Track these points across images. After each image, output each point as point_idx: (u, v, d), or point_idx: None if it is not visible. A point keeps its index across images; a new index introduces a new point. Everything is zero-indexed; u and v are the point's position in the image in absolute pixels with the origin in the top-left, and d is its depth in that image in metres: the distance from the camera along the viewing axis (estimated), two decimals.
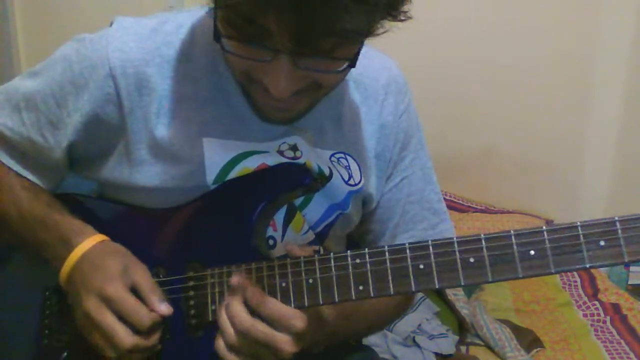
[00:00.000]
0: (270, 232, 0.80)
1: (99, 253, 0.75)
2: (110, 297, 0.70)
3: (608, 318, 1.77)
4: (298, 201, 0.82)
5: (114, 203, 0.84)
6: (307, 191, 0.80)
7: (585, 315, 1.81)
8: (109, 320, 0.69)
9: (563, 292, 1.94)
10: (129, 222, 0.83)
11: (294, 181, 0.77)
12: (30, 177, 0.84)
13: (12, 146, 0.83)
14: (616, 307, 1.82)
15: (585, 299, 1.89)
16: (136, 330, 0.70)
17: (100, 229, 0.81)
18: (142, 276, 0.73)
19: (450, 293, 1.77)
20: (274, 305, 0.67)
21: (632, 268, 2.24)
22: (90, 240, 0.76)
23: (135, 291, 0.72)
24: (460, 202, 2.37)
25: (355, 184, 0.84)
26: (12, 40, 2.34)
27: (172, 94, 0.77)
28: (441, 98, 2.32)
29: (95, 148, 0.80)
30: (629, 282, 2.21)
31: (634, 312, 1.80)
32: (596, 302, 1.86)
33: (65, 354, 0.80)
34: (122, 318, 0.70)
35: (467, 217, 2.26)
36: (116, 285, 0.70)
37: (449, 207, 2.26)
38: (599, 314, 1.80)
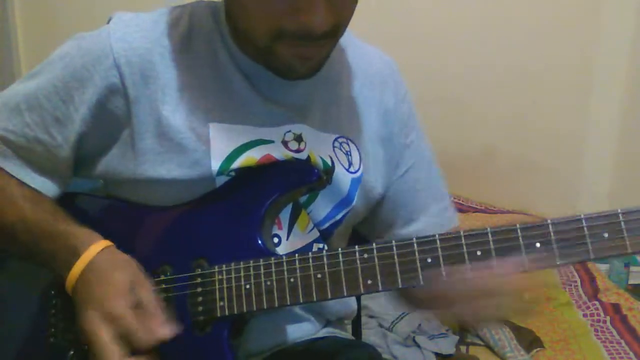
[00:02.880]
0: (275, 230, 0.81)
1: (105, 265, 0.74)
2: (113, 315, 0.69)
3: (608, 318, 1.77)
4: (303, 199, 0.82)
5: (119, 201, 0.84)
6: (313, 189, 0.80)
7: (585, 315, 1.81)
8: (104, 338, 0.69)
9: (563, 292, 1.94)
10: (135, 220, 0.83)
11: (301, 178, 0.78)
12: (35, 182, 0.82)
13: (15, 151, 0.82)
14: (616, 307, 1.82)
15: (585, 299, 1.89)
16: (133, 351, 0.69)
17: (107, 228, 0.81)
18: (147, 295, 0.73)
19: None
20: None
21: (632, 268, 2.24)
22: (95, 247, 0.75)
23: (140, 308, 0.71)
24: (460, 202, 2.37)
25: (355, 171, 0.85)
26: (12, 40, 2.34)
27: (176, 82, 0.77)
28: (441, 98, 2.32)
29: (101, 141, 0.80)
30: (629, 282, 2.21)
31: (634, 312, 1.80)
32: (596, 302, 1.86)
33: (72, 352, 0.80)
34: (123, 336, 0.69)
35: (467, 217, 2.26)
36: (121, 304, 0.70)
37: None
38: (599, 314, 1.80)
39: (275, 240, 0.81)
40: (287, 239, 0.81)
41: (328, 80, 0.85)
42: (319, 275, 0.71)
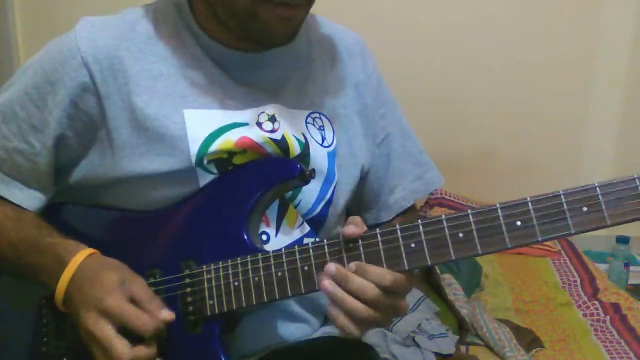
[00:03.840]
0: (263, 227, 0.81)
1: (94, 268, 0.75)
2: (110, 309, 0.70)
3: (608, 318, 1.77)
4: (288, 194, 0.83)
5: (105, 209, 0.84)
6: (298, 185, 0.81)
7: (585, 315, 1.80)
8: (107, 334, 0.70)
9: (563, 292, 1.94)
10: (122, 226, 0.84)
11: (284, 175, 0.78)
12: (17, 198, 0.82)
13: None
14: (616, 307, 1.82)
15: (585, 299, 1.89)
16: (137, 340, 0.70)
17: (94, 236, 0.82)
18: (140, 287, 0.74)
19: (450, 293, 1.77)
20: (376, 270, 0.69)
21: (632, 268, 2.24)
22: (80, 256, 0.76)
23: (134, 303, 0.72)
24: (460, 202, 2.36)
25: (330, 145, 0.86)
26: (12, 40, 2.34)
27: (146, 73, 0.78)
28: (441, 98, 2.32)
29: (79, 144, 0.81)
30: (629, 282, 2.21)
31: (634, 312, 1.79)
32: (596, 302, 1.85)
33: None
34: (123, 330, 0.70)
35: None
36: (116, 297, 0.71)
37: (449, 207, 2.27)
38: (599, 314, 1.80)
39: (264, 237, 0.81)
40: (276, 236, 0.82)
41: (300, 58, 0.87)
42: (306, 268, 0.72)
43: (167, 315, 0.72)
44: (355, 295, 0.68)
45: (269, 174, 0.78)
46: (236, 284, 0.74)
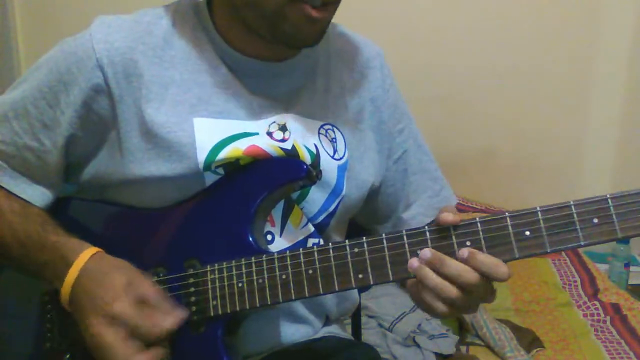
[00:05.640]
0: (267, 227, 0.81)
1: (99, 269, 0.74)
2: (119, 315, 0.70)
3: (608, 318, 1.77)
4: (295, 195, 0.82)
5: (111, 205, 0.84)
6: (304, 185, 0.81)
7: (585, 315, 1.80)
8: (115, 340, 0.69)
9: (563, 292, 1.94)
10: (127, 223, 0.83)
11: (290, 175, 0.78)
12: (25, 193, 0.82)
13: (6, 160, 0.83)
14: (616, 307, 1.82)
15: (585, 299, 1.89)
16: (147, 344, 0.70)
17: (99, 232, 0.82)
18: (148, 287, 0.73)
19: None
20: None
21: (632, 268, 2.24)
22: (85, 254, 0.75)
23: (142, 303, 0.72)
24: (460, 202, 2.36)
25: (341, 158, 0.85)
26: (12, 41, 2.34)
27: (159, 79, 0.78)
28: (442, 98, 2.32)
29: (89, 144, 0.81)
30: (629, 282, 2.21)
31: (634, 312, 1.79)
32: (596, 302, 1.86)
33: (68, 356, 0.81)
34: (133, 334, 0.70)
35: (467, 217, 2.25)
36: (123, 302, 0.71)
37: None
38: (599, 314, 1.80)
39: (269, 237, 0.81)
40: (280, 236, 0.82)
41: (317, 69, 0.86)
42: (310, 271, 0.71)
43: (172, 322, 0.72)
44: (450, 279, 0.65)
45: (275, 174, 0.78)
46: (240, 285, 0.74)
